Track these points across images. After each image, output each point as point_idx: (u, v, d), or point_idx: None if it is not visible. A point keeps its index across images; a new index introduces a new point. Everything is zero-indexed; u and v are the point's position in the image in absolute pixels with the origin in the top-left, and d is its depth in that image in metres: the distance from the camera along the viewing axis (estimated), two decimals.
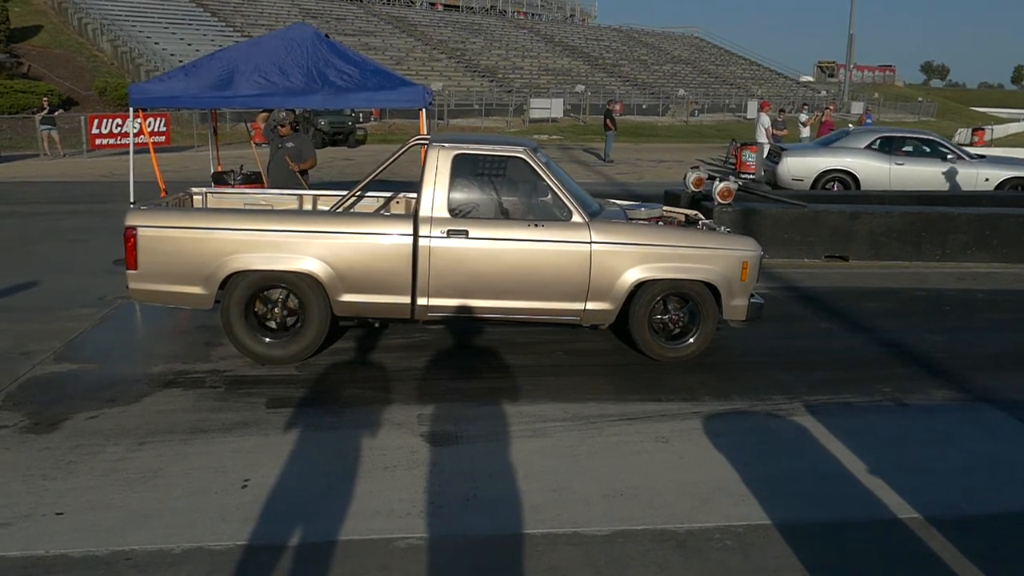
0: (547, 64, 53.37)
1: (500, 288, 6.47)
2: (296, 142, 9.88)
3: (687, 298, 6.74)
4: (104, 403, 5.55)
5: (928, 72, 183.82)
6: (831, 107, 26.52)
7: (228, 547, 3.83)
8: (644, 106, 48.64)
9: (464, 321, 6.77)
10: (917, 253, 11.18)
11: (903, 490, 4.57)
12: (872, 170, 15.62)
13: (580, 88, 47.94)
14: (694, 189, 11.71)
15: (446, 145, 6.64)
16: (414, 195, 7.82)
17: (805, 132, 24.07)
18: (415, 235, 6.36)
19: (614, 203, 7.84)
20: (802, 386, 6.22)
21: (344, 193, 7.59)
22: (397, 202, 8.25)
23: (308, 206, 8.04)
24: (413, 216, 6.46)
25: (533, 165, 6.64)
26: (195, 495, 4.32)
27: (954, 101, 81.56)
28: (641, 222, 6.99)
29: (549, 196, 6.62)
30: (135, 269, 6.31)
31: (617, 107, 28.49)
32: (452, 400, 5.76)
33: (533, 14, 70.09)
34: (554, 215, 6.57)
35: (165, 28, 39.75)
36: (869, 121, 28.19)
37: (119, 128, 25.33)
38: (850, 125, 26.30)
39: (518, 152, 6.70)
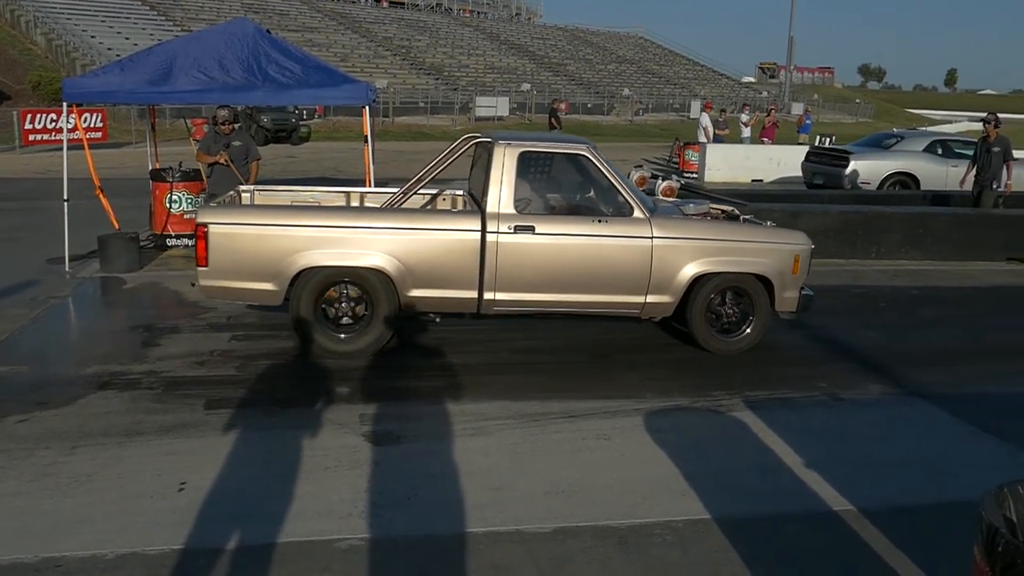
0: (493, 62, 53.37)
1: (564, 282, 6.61)
2: (242, 139, 9.70)
3: (740, 291, 6.94)
4: (35, 406, 5.40)
5: (865, 74, 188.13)
6: (774, 108, 26.97)
7: (163, 551, 3.75)
8: (589, 105, 48.93)
9: (528, 315, 6.97)
10: (853, 251, 11.43)
11: (838, 483, 4.66)
12: (931, 172, 16.23)
13: (526, 87, 48.05)
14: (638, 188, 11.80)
15: (512, 143, 6.72)
16: (460, 192, 8.02)
17: (746, 132, 24.42)
18: (483, 231, 6.43)
19: (663, 199, 7.89)
20: (742, 382, 6.31)
21: (393, 190, 7.81)
22: (443, 199, 8.25)
23: (355, 203, 8.02)
24: (481, 212, 6.52)
25: (595, 162, 6.76)
26: (129, 499, 4.22)
27: (890, 103, 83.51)
28: (697, 218, 7.17)
29: (611, 192, 6.75)
30: (206, 266, 6.31)
31: (562, 106, 28.58)
32: (395, 399, 5.72)
33: (479, 12, 69.98)
34: (616, 211, 6.71)
35: (102, 22, 38.84)
36: (808, 122, 28.61)
37: (53, 123, 24.65)
38: (800, 133, 26.76)
39: (581, 150, 6.82)
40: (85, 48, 35.27)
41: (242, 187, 8.00)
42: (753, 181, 20.98)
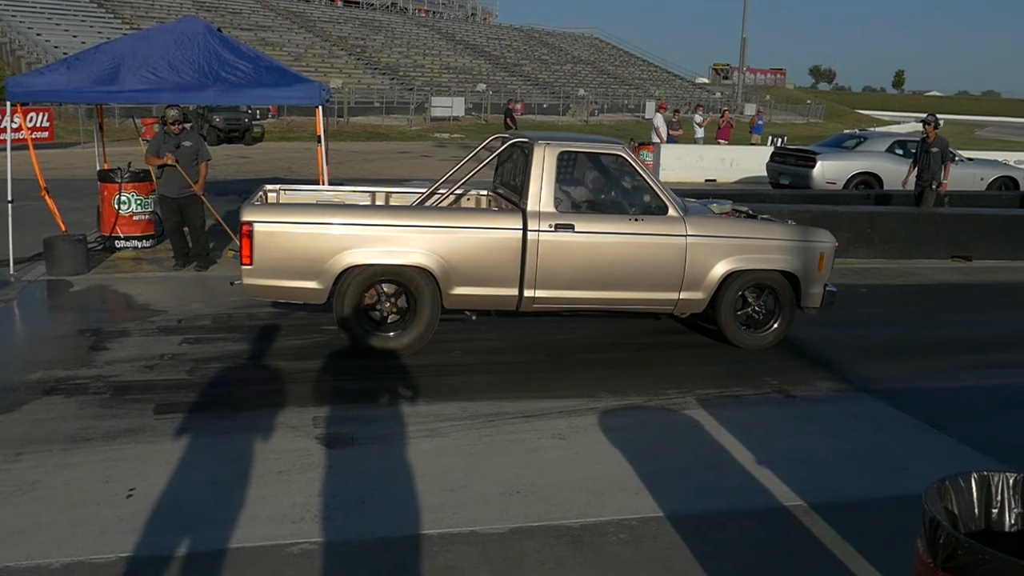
0: (448, 62, 53.26)
1: (602, 279, 6.74)
2: (192, 140, 9.55)
3: (767, 288, 7.16)
4: None
5: (816, 76, 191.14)
6: (727, 109, 27.28)
7: (111, 560, 3.68)
8: (545, 105, 49.04)
9: (565, 312, 7.11)
10: None
11: (789, 479, 4.73)
12: (893, 172, 16.57)
13: (481, 87, 48.02)
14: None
15: (551, 143, 6.82)
16: (484, 192, 8.13)
17: (700, 133, 24.67)
18: (524, 229, 6.53)
19: (690, 200, 8.05)
20: (694, 380, 6.37)
21: (421, 191, 7.94)
22: (468, 199, 8.29)
23: (380, 203, 8.02)
24: (522, 211, 6.60)
25: (631, 161, 6.91)
26: (76, 507, 4.14)
27: (840, 104, 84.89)
28: (726, 216, 7.43)
29: (646, 191, 6.91)
30: (250, 264, 6.33)
31: (518, 106, 28.70)
32: (349, 401, 5.68)
33: (434, 12, 69.77)
34: (651, 209, 6.87)
35: (48, 19, 38.02)
36: (760, 123, 29.06)
37: None
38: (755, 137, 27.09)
39: (617, 149, 6.98)
40: (31, 46, 34.50)
41: (268, 187, 7.98)
42: (707, 181, 21.23)
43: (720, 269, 6.91)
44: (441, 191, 7.95)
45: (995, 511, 2.56)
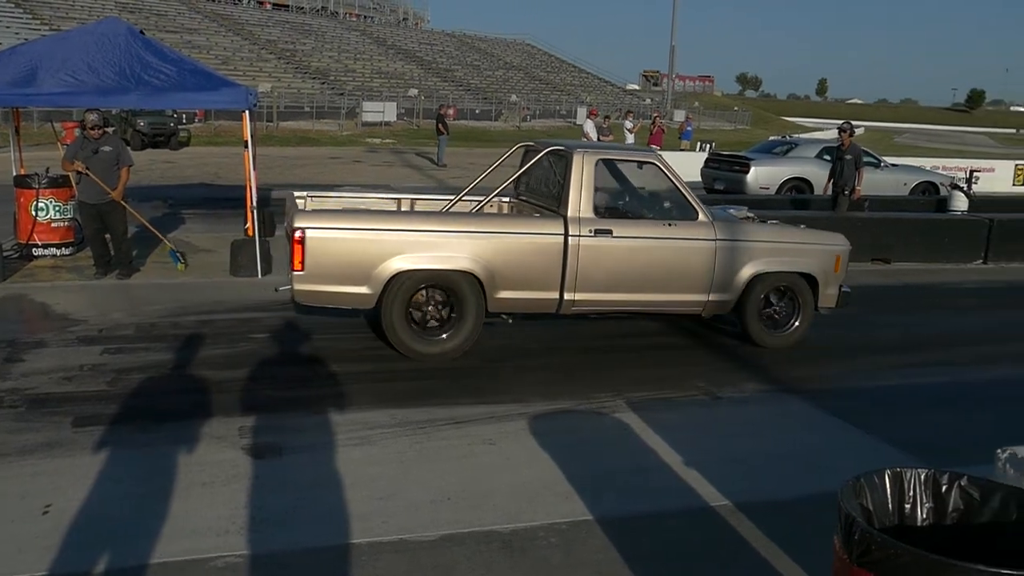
0: (380, 67, 52.95)
1: (637, 282, 6.97)
2: (112, 144, 9.29)
3: (786, 289, 7.49)
4: None
5: (743, 83, 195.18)
6: (657, 115, 27.68)
7: None
8: (478, 111, 49.10)
9: (602, 314, 7.33)
10: None
11: (716, 479, 4.80)
12: (823, 177, 16.87)
13: (413, 92, 47.85)
14: None
15: (589, 151, 7.05)
16: (506, 199, 8.29)
17: (630, 139, 24.96)
18: (566, 234, 6.71)
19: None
20: (625, 384, 6.43)
21: (448, 197, 8.22)
22: (490, 206, 8.26)
23: (405, 207, 8.24)
24: (563, 216, 6.78)
25: (663, 168, 7.13)
26: None
27: (766, 111, 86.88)
28: (752, 221, 7.83)
29: (678, 197, 7.17)
30: (302, 270, 6.37)
31: (450, 112, 28.65)
32: (276, 410, 5.59)
33: (365, 16, 69.33)
34: (683, 215, 7.13)
35: None
36: (689, 129, 29.55)
37: None
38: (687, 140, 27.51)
39: (651, 157, 7.31)
40: None
41: (296, 193, 7.93)
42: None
43: (747, 272, 7.22)
44: (463, 199, 8.16)
45: (908, 506, 2.64)
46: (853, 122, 15.18)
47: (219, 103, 9.91)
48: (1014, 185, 25.74)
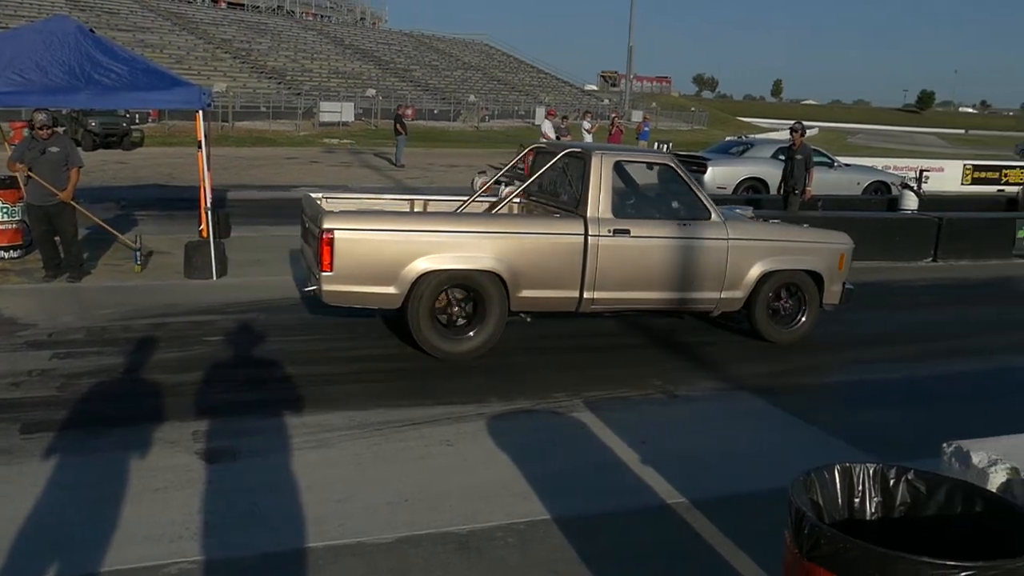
0: (337, 67, 52.60)
1: (653, 281, 7.16)
2: (61, 145, 9.11)
3: (794, 286, 7.72)
4: None
5: (700, 84, 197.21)
6: (615, 115, 27.82)
7: None
8: (436, 111, 49.00)
9: (619, 312, 7.51)
10: None
11: (672, 477, 4.84)
12: (778, 176, 16.99)
13: (371, 92, 47.61)
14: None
15: (607, 153, 7.22)
16: (516, 200, 8.31)
17: (588, 139, 25.04)
18: (586, 234, 6.86)
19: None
20: (582, 383, 6.45)
21: (463, 199, 8.52)
22: (496, 208, 8.34)
23: (418, 208, 8.42)
24: (583, 217, 6.93)
25: (678, 170, 7.34)
26: None
27: (723, 111, 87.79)
28: (760, 221, 8.09)
29: (691, 197, 7.38)
30: (330, 271, 6.42)
31: (408, 112, 28.53)
32: (231, 414, 5.52)
33: (322, 16, 68.89)
34: (697, 215, 7.33)
35: None
36: (647, 129, 29.72)
37: None
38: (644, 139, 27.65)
39: (666, 159, 7.54)
40: None
41: (312, 194, 7.95)
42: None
43: (757, 270, 7.43)
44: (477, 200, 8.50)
45: (857, 500, 2.68)
46: (808, 123, 15.42)
47: (172, 103, 9.76)
48: (962, 184, 26.29)
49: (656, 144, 27.17)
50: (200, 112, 9.54)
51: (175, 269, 9.58)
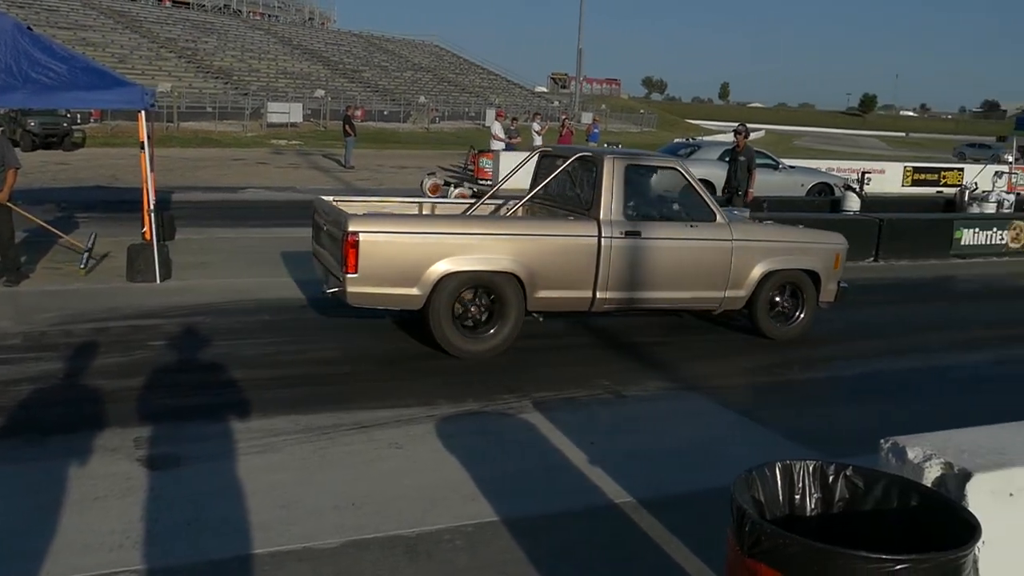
0: (285, 67, 52.05)
1: (662, 280, 7.37)
2: None
3: (792, 285, 7.99)
4: None
5: (649, 86, 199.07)
6: (565, 117, 27.94)
7: None
8: (386, 112, 48.74)
9: (628, 311, 7.73)
10: None
11: (619, 476, 4.87)
12: (724, 178, 17.14)
13: (320, 93, 47.19)
14: (431, 195, 11.89)
15: (618, 157, 7.44)
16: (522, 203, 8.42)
17: (538, 141, 25.10)
18: (599, 236, 7.06)
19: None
20: (530, 384, 6.46)
21: (470, 202, 8.81)
22: (506, 210, 8.56)
23: (426, 212, 8.61)
24: (596, 219, 7.13)
25: (685, 173, 7.62)
26: None
27: (671, 113, 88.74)
28: (757, 222, 8.43)
29: (697, 200, 7.62)
30: (355, 273, 6.52)
31: (358, 113, 28.34)
32: (174, 420, 5.42)
33: (270, 15, 68.09)
34: (702, 217, 7.57)
35: None
36: (596, 131, 29.87)
37: None
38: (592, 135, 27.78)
39: (674, 163, 7.83)
40: None
41: (326, 198, 8.03)
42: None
43: (759, 270, 7.71)
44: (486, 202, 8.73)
45: (798, 497, 2.73)
46: (754, 125, 15.65)
47: (113, 103, 9.59)
48: (903, 186, 26.92)
49: (606, 145, 27.37)
50: (143, 112, 9.37)
51: (117, 272, 9.39)
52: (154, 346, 6.95)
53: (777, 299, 8.02)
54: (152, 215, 9.40)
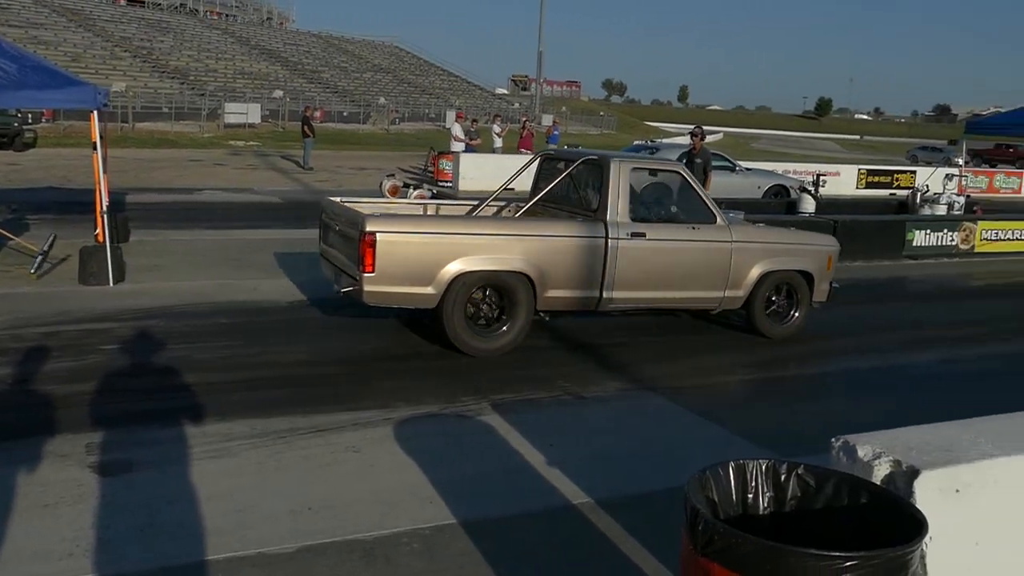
0: (243, 67, 51.52)
1: (664, 280, 7.59)
2: None
3: (787, 285, 8.21)
4: None
5: (609, 88, 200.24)
6: (525, 119, 27.97)
7: None
8: (345, 113, 48.44)
9: (631, 310, 7.97)
10: None
11: (578, 477, 4.88)
12: None
13: (278, 93, 46.79)
14: (390, 196, 11.85)
15: (624, 160, 7.65)
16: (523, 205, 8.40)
17: (498, 142, 25.17)
18: (606, 237, 7.24)
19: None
20: (489, 386, 6.46)
21: (474, 203, 9.01)
22: (509, 211, 8.72)
23: (431, 212, 8.66)
24: (603, 220, 7.30)
25: (687, 176, 7.84)
26: None
27: (631, 116, 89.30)
28: (756, 224, 8.65)
29: (698, 202, 7.81)
30: (372, 272, 6.64)
31: (317, 114, 28.15)
32: (127, 425, 5.33)
33: (227, 15, 67.34)
34: (704, 219, 7.76)
35: None
36: (556, 133, 29.93)
37: None
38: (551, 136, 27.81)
39: (676, 167, 8.08)
40: None
41: (334, 199, 8.06)
42: (506, 190, 21.71)
43: (757, 270, 7.93)
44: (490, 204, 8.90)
45: (751, 496, 2.75)
46: (713, 127, 15.83)
47: (65, 102, 9.42)
48: (857, 188, 27.40)
49: (565, 147, 27.46)
50: (95, 112, 9.22)
51: (69, 275, 9.22)
52: (106, 350, 6.83)
53: (773, 299, 8.23)
54: (105, 217, 9.24)
